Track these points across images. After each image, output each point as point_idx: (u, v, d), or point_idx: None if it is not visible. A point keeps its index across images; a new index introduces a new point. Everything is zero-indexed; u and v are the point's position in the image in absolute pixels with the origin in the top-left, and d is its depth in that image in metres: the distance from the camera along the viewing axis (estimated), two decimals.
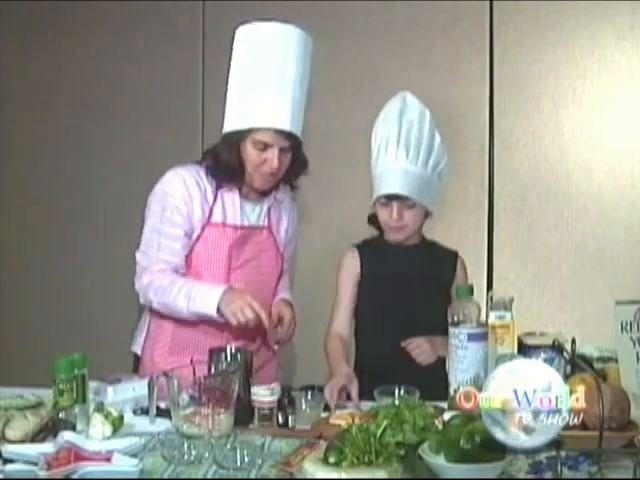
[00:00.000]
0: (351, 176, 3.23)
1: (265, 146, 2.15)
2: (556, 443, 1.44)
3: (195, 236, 2.24)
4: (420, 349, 2.21)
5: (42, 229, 3.57)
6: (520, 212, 3.20)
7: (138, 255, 2.26)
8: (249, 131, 2.15)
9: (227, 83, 2.22)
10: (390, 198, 2.27)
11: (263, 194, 2.31)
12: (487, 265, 3.19)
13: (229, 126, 2.21)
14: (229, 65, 2.22)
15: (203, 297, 2.13)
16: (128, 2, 3.43)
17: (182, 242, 2.22)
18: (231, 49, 2.22)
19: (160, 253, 2.21)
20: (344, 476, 1.42)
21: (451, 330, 1.93)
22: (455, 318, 1.94)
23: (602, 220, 3.14)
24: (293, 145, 2.19)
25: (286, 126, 2.15)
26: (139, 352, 2.36)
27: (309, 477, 1.45)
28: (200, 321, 2.22)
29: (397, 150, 2.25)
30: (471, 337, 1.90)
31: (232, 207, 2.26)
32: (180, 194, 2.20)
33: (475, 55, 3.21)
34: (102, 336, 3.30)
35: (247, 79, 2.18)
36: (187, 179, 2.22)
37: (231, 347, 2.07)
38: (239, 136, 2.17)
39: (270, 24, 2.20)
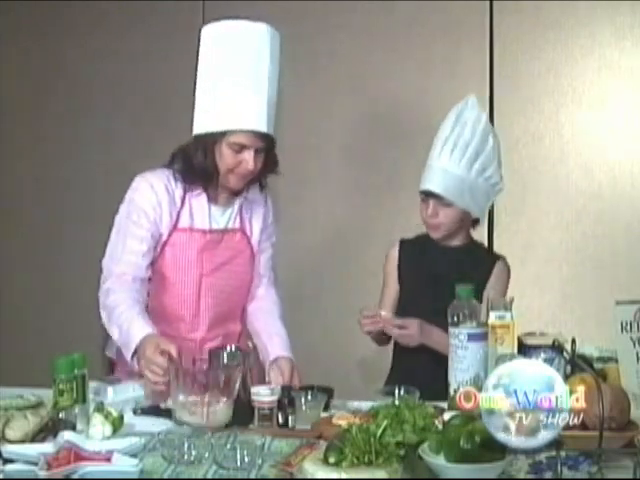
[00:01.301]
0: (352, 175, 3.23)
1: (241, 148, 2.12)
2: (556, 443, 1.44)
3: (162, 241, 2.20)
4: (405, 329, 2.19)
5: (42, 229, 3.57)
6: (520, 212, 3.20)
7: (104, 261, 2.21)
8: (224, 133, 2.11)
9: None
10: (428, 194, 2.28)
11: (233, 195, 2.27)
12: None
13: (201, 128, 2.16)
14: None
15: (127, 336, 2.03)
16: (128, 2, 3.43)
17: (148, 243, 2.16)
18: None
19: (124, 254, 2.16)
20: (344, 476, 1.42)
21: (451, 330, 1.94)
22: (455, 318, 1.94)
23: (602, 220, 3.14)
24: (268, 145, 2.17)
25: (263, 127, 2.11)
26: (114, 357, 2.32)
27: (309, 477, 1.45)
28: (170, 327, 2.21)
29: (442, 148, 2.26)
30: (471, 337, 1.90)
31: (200, 212, 2.22)
32: (148, 200, 2.17)
33: (475, 55, 3.21)
34: (102, 336, 3.29)
35: (219, 79, 2.13)
36: (155, 184, 2.18)
37: (231, 347, 2.08)
38: (213, 138, 2.13)
39: (240, 22, 2.17)
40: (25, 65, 3.57)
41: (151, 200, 2.17)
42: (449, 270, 2.30)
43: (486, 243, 3.20)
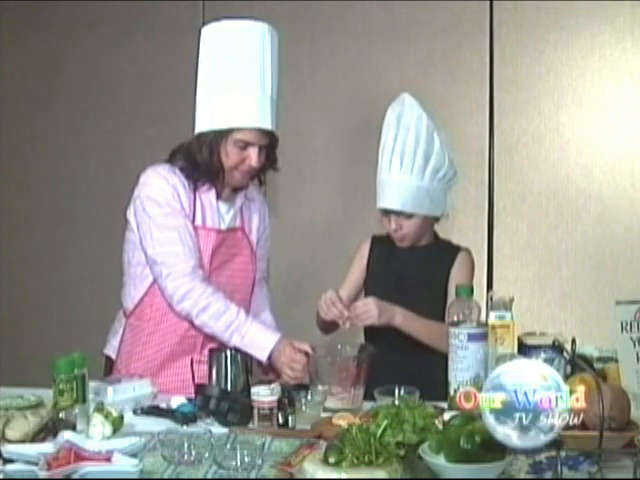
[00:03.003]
0: (353, 175, 3.23)
1: (246, 145, 2.15)
2: (556, 443, 1.44)
3: None
4: (365, 308, 2.16)
5: (42, 229, 3.57)
6: (520, 212, 3.20)
7: (158, 256, 2.15)
8: (229, 130, 2.14)
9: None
10: (387, 210, 2.27)
11: (234, 192, 2.29)
12: (487, 265, 3.19)
13: (204, 126, 2.17)
14: None
15: (255, 340, 2.11)
16: (128, 2, 3.43)
17: (191, 228, 2.18)
18: None
19: (184, 247, 2.14)
20: (344, 476, 1.42)
21: (451, 330, 1.94)
22: (455, 318, 1.94)
23: (602, 220, 3.14)
24: (270, 143, 2.20)
25: (267, 125, 2.15)
26: (113, 356, 2.33)
27: (309, 477, 1.45)
28: (175, 330, 2.22)
29: (391, 160, 2.23)
30: (471, 337, 1.90)
31: (210, 209, 2.24)
32: (168, 191, 2.17)
33: (475, 55, 3.21)
34: (102, 336, 3.30)
35: (222, 78, 2.16)
36: (168, 178, 2.19)
37: (231, 348, 2.08)
38: (218, 136, 2.15)
39: (241, 22, 2.19)
40: (25, 65, 3.57)
41: (170, 191, 2.17)
42: (415, 270, 2.32)
43: (486, 243, 3.21)
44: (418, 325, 2.20)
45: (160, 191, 2.18)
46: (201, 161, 2.18)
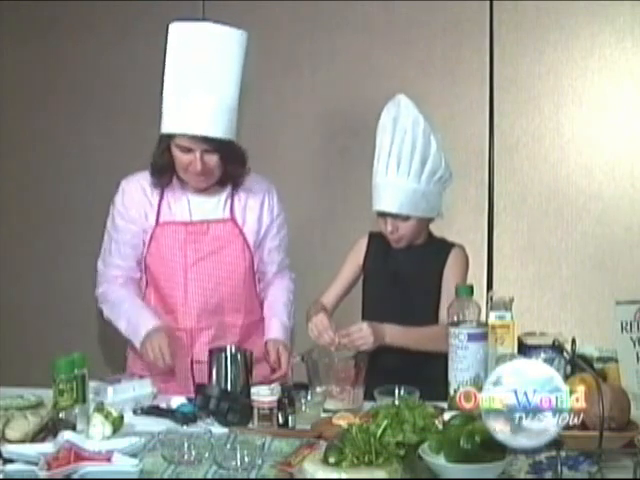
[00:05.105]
0: (353, 175, 3.23)
1: (187, 149, 2.16)
2: (556, 443, 1.44)
3: (147, 238, 2.27)
4: (360, 334, 2.12)
5: (42, 229, 3.56)
6: (520, 212, 3.20)
7: (98, 263, 2.38)
8: (173, 135, 2.17)
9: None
10: (384, 213, 2.27)
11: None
12: (487, 265, 3.19)
13: (162, 129, 2.23)
14: None
15: (135, 328, 2.21)
16: (128, 2, 3.42)
17: (131, 245, 2.29)
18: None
19: (112, 258, 2.32)
20: (344, 476, 1.42)
21: (451, 330, 1.94)
22: (455, 318, 1.94)
23: (602, 220, 3.14)
24: (218, 147, 2.15)
25: (202, 131, 2.12)
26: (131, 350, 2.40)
27: (309, 477, 1.45)
28: (161, 318, 2.26)
29: (388, 163, 2.23)
30: (471, 337, 1.90)
31: (179, 204, 2.28)
32: (124, 201, 2.29)
33: (475, 55, 3.21)
34: (102, 336, 3.30)
35: (172, 80, 2.19)
36: (130, 185, 2.31)
37: (231, 347, 2.09)
38: (167, 139, 2.20)
39: (195, 24, 2.21)
40: (25, 65, 3.56)
41: (126, 201, 2.29)
42: (411, 268, 2.32)
43: (486, 243, 3.21)
44: (407, 336, 2.20)
45: (117, 199, 2.32)
46: (157, 163, 2.26)
